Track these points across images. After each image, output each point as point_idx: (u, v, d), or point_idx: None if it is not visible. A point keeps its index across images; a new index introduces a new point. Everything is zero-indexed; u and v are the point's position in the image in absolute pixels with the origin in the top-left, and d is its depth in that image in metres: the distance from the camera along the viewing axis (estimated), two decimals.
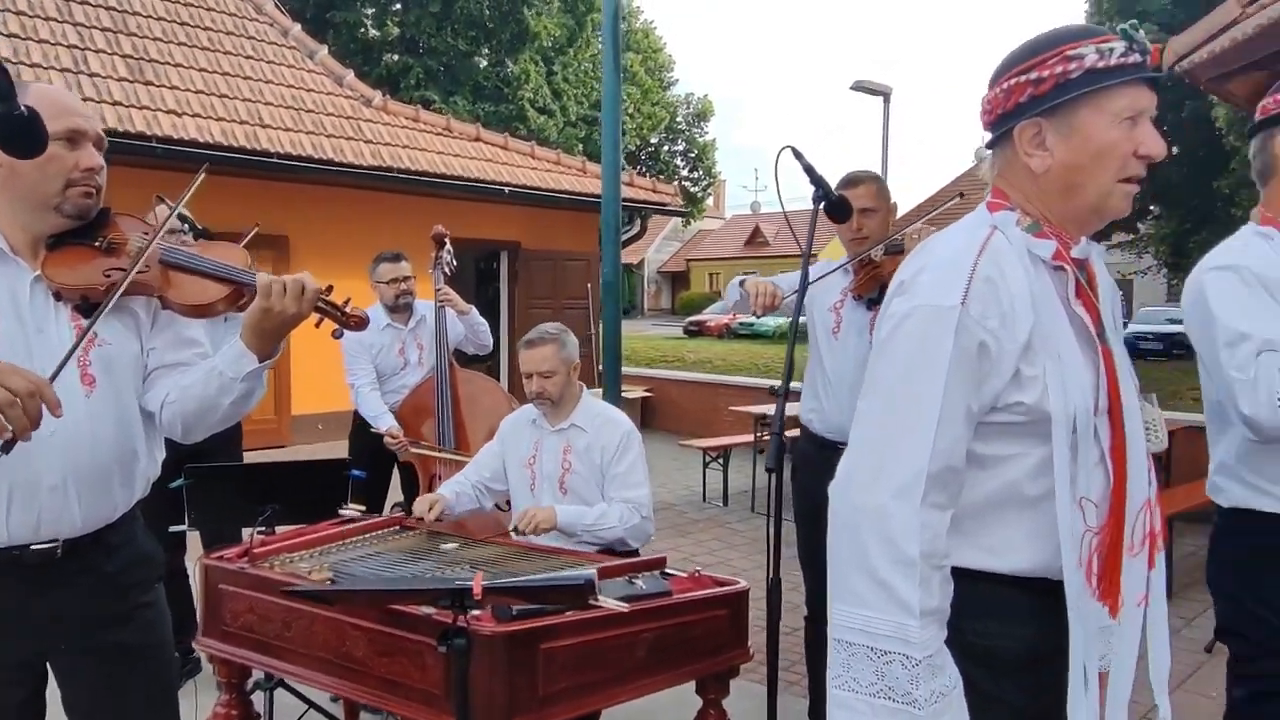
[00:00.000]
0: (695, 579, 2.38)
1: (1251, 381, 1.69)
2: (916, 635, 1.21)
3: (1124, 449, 1.34)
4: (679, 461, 8.03)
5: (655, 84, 28.81)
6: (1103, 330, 1.37)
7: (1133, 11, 13.87)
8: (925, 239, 1.62)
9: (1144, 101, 1.31)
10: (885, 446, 1.28)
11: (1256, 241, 1.80)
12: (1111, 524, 1.33)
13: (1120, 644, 1.37)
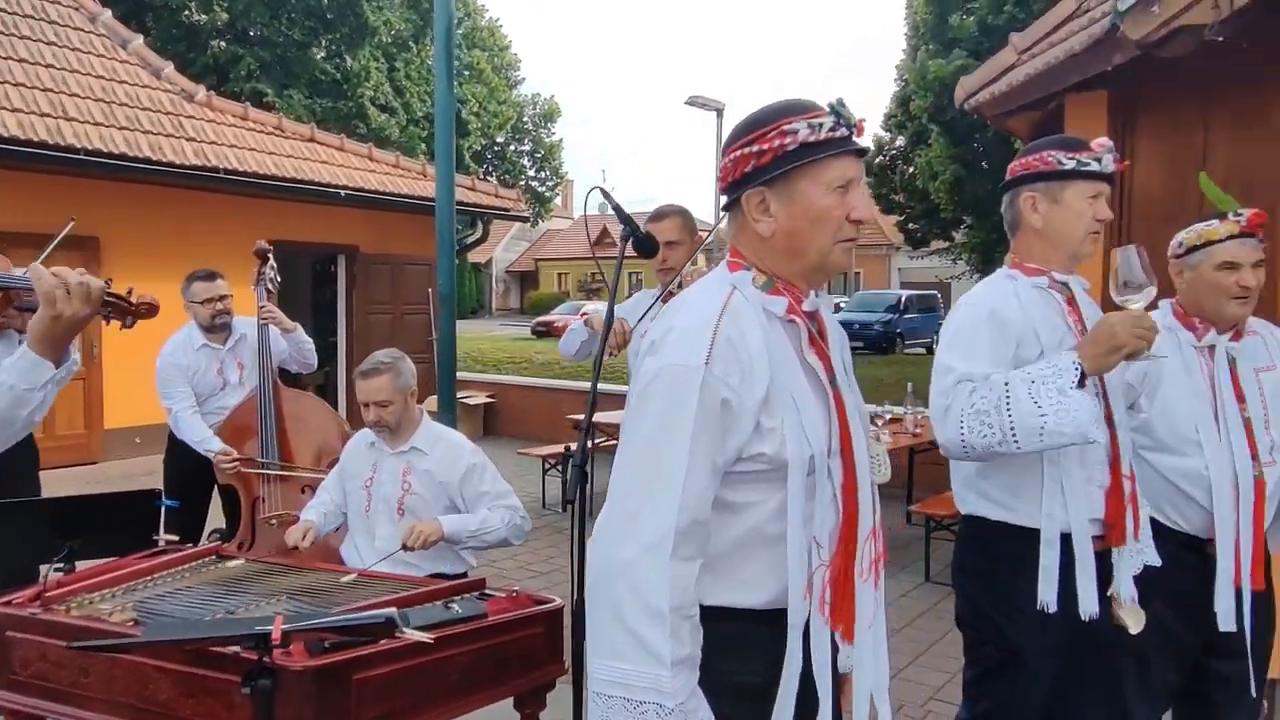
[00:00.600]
0: (514, 598, 2.46)
1: (945, 409, 1.91)
2: (669, 685, 1.28)
3: (854, 485, 1.46)
4: (520, 468, 8.08)
5: (502, 82, 28.59)
6: (834, 377, 1.50)
7: (945, 38, 15.04)
8: (692, 283, 1.76)
9: (852, 171, 1.45)
10: (636, 502, 1.35)
11: (1005, 283, 2.06)
12: (843, 554, 1.45)
13: (859, 665, 1.50)
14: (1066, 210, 1.97)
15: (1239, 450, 2.17)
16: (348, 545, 2.98)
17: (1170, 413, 2.22)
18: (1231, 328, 2.26)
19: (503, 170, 31.33)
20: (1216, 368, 2.23)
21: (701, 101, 10.70)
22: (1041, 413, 1.78)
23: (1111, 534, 1.96)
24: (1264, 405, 2.23)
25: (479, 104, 26.25)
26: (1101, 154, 1.96)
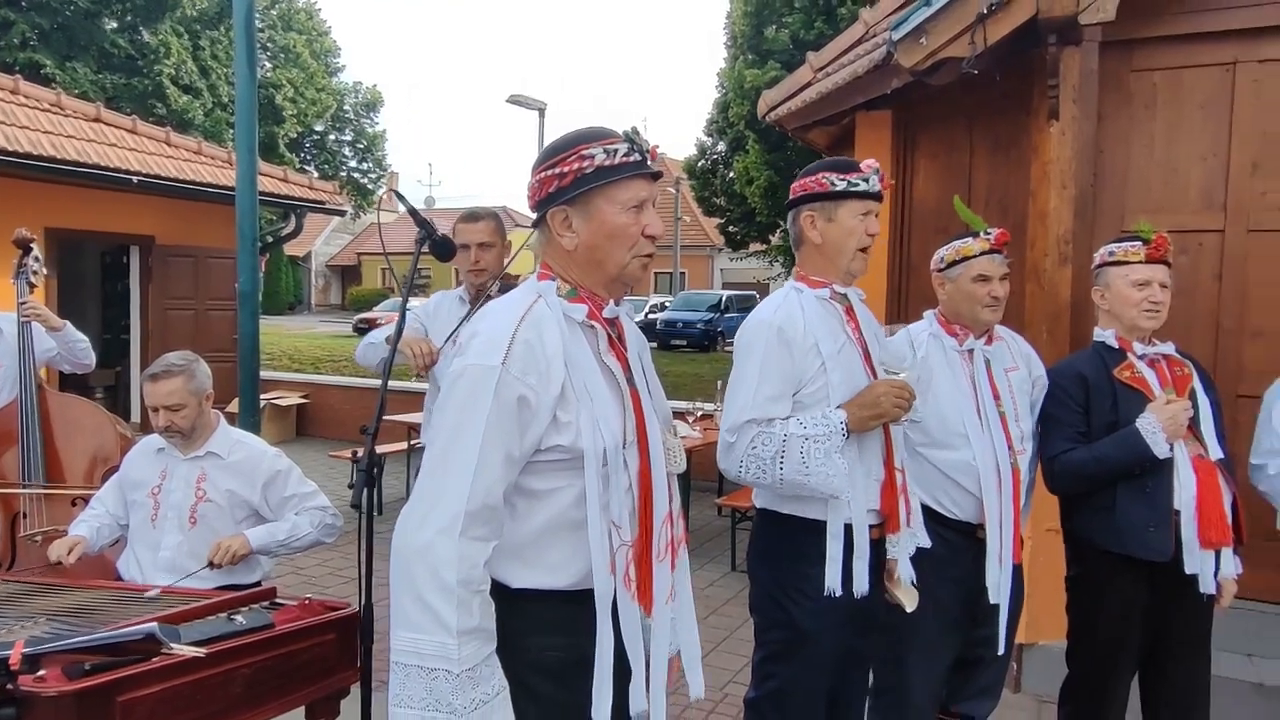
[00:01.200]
0: (305, 606, 2.41)
1: (730, 445, 2.09)
2: (455, 652, 1.42)
3: (650, 474, 1.62)
4: (334, 470, 7.80)
5: (320, 68, 27.28)
6: (631, 376, 1.66)
7: (760, 49, 15.71)
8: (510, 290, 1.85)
9: (645, 192, 1.62)
10: (435, 490, 1.49)
11: (793, 295, 2.22)
12: (642, 536, 1.61)
13: (656, 637, 1.65)
14: (840, 227, 2.15)
15: (999, 442, 2.44)
16: (126, 558, 2.79)
17: (941, 411, 2.47)
18: (985, 333, 2.54)
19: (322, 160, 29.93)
20: (975, 369, 2.51)
21: (523, 101, 10.70)
22: (807, 473, 2.02)
23: (888, 523, 2.16)
24: (1014, 401, 2.52)
25: (295, 89, 24.94)
26: (869, 175, 2.14)
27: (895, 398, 2.05)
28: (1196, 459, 2.48)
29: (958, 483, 2.44)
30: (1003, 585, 2.42)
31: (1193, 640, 2.58)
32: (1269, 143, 3.76)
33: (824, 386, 2.08)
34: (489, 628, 1.48)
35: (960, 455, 2.43)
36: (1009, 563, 2.43)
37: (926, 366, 2.47)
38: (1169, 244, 2.62)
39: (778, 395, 2.07)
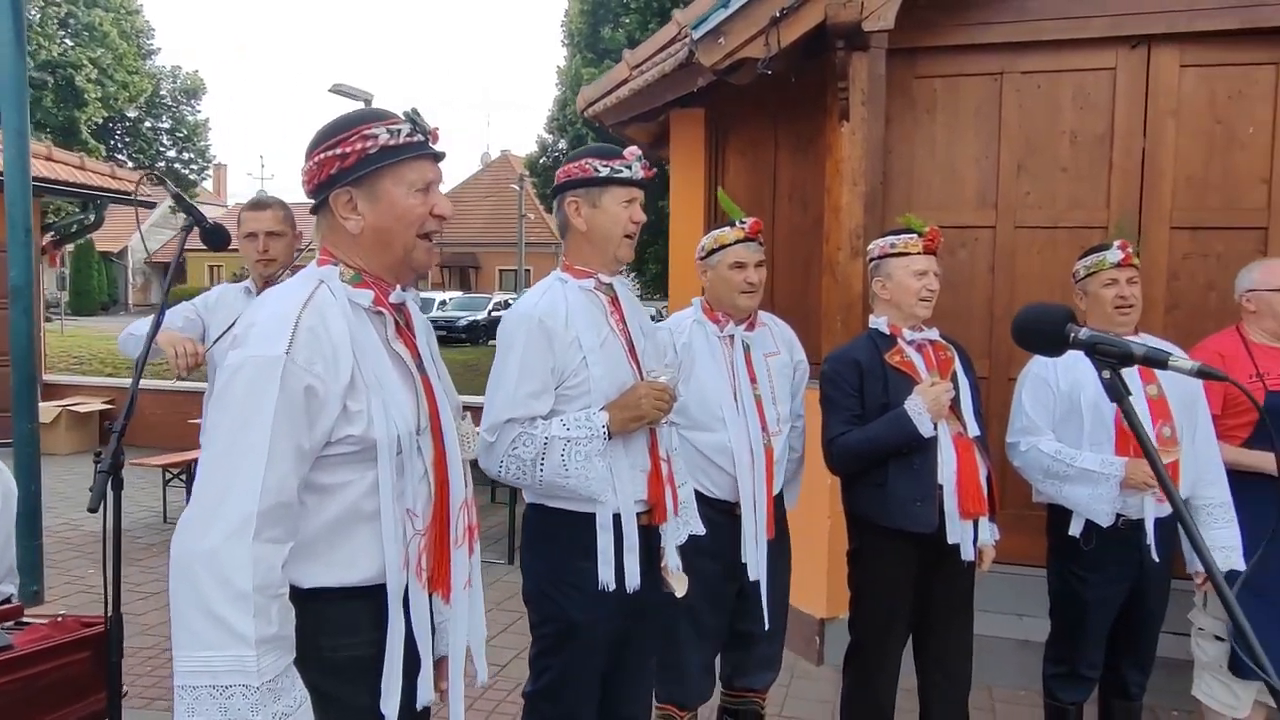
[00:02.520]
0: (57, 624, 2.23)
1: (489, 445, 2.09)
2: (254, 664, 1.32)
3: (445, 460, 1.60)
4: (139, 480, 7.27)
5: (131, 49, 25.35)
6: (421, 363, 1.63)
7: (598, 48, 15.85)
8: None
9: (431, 174, 1.60)
10: (219, 492, 1.38)
11: (557, 286, 2.22)
12: (437, 523, 1.58)
13: (455, 624, 1.64)
14: (604, 214, 2.18)
15: (753, 424, 2.55)
16: None
17: (702, 394, 2.55)
18: (746, 318, 2.64)
19: (136, 149, 27.86)
20: (735, 354, 2.60)
21: (348, 90, 10.30)
22: (567, 475, 2.04)
23: (655, 512, 2.20)
24: (772, 385, 2.64)
25: (101, 70, 23.05)
26: (632, 162, 2.18)
27: (656, 400, 2.10)
28: (957, 437, 2.67)
29: (715, 463, 2.55)
30: (760, 562, 2.53)
31: (957, 604, 2.79)
32: (1031, 147, 4.11)
33: (586, 380, 2.10)
34: (289, 635, 1.40)
35: (717, 437, 2.53)
36: (764, 540, 2.55)
37: (689, 352, 2.56)
38: (940, 236, 2.81)
39: (539, 391, 2.07)
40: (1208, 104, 3.94)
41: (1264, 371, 2.91)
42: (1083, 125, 4.06)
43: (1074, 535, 2.80)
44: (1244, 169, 3.92)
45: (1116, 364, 1.28)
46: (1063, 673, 2.91)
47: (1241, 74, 3.90)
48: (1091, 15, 3.92)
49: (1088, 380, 2.78)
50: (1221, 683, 3.00)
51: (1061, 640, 2.92)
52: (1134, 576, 2.77)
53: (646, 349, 2.26)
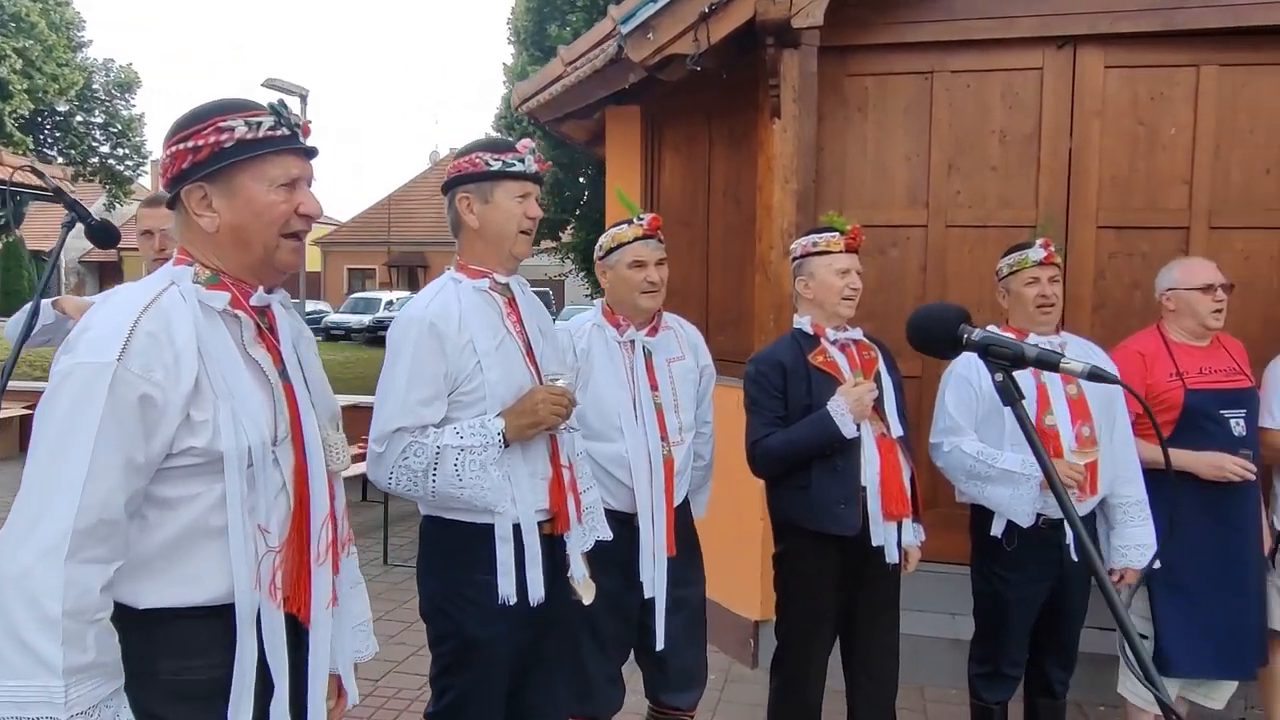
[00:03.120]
0: None
1: (379, 455, 2.00)
2: (61, 695, 1.22)
3: (306, 472, 1.51)
4: None
5: (61, 41, 24.48)
6: (285, 369, 1.53)
7: (544, 45, 15.67)
8: None
9: (296, 169, 1.50)
10: (36, 508, 1.29)
11: (450, 287, 2.12)
12: (295, 540, 1.49)
13: (316, 646, 1.54)
14: (497, 210, 2.09)
15: (652, 433, 2.47)
16: None
17: (599, 403, 2.47)
18: (648, 321, 2.57)
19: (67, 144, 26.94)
20: (635, 360, 2.52)
21: (281, 85, 10.00)
22: (461, 485, 1.95)
23: (558, 521, 2.12)
24: (674, 392, 2.56)
25: (27, 62, 22.24)
26: (525, 155, 2.10)
27: (553, 405, 2.02)
28: (880, 438, 2.64)
29: (613, 475, 2.47)
30: (657, 579, 2.46)
31: (882, 605, 2.76)
32: (961, 146, 4.12)
33: (481, 385, 2.01)
34: (109, 661, 1.30)
35: (615, 448, 2.46)
36: (663, 555, 2.47)
37: (588, 358, 2.48)
38: (862, 234, 2.78)
39: (430, 398, 1.98)
40: (1131, 105, 3.98)
41: (1183, 370, 2.93)
42: (1011, 124, 4.08)
43: (996, 535, 2.79)
44: (1166, 169, 3.98)
45: (1009, 366, 1.24)
46: (987, 672, 2.90)
47: (1163, 75, 3.95)
48: (1018, 15, 3.94)
49: None
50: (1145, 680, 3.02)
51: (985, 640, 2.91)
52: (1055, 576, 2.77)
53: (546, 351, 2.17)
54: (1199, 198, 3.94)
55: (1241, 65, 3.89)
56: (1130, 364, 2.99)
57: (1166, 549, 2.84)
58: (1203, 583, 2.87)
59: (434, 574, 2.12)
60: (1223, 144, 3.92)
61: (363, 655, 1.78)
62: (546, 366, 2.15)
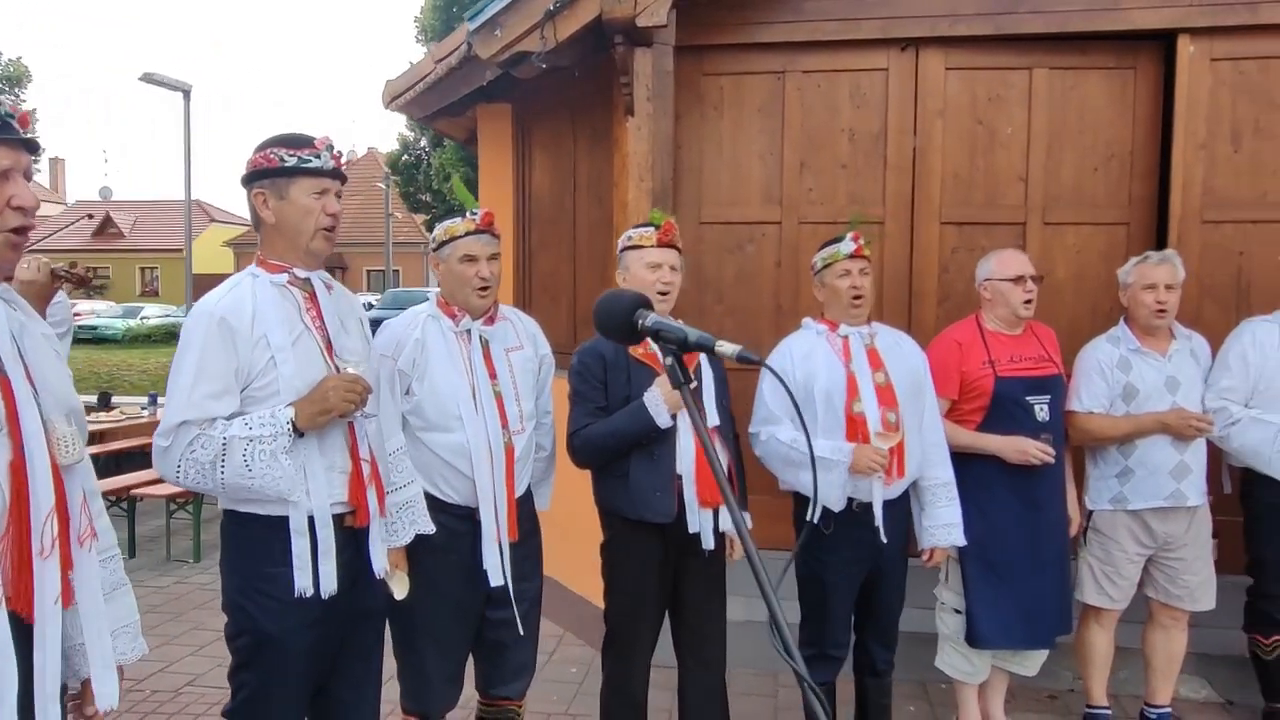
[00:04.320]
0: None
1: (165, 449, 1.97)
2: None
3: (22, 465, 1.48)
4: None
5: None
6: (1, 363, 1.50)
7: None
8: None
9: (6, 161, 1.49)
10: None
11: (246, 281, 2.09)
12: (15, 534, 1.46)
13: (43, 641, 1.50)
14: (293, 206, 2.08)
15: (492, 423, 2.48)
16: None
17: (437, 394, 2.46)
18: (485, 313, 2.58)
19: None
20: (472, 349, 2.53)
21: (160, 80, 9.66)
22: (251, 475, 1.94)
23: (358, 514, 2.12)
24: (514, 381, 2.58)
25: None
26: (321, 151, 2.09)
27: (345, 392, 2.01)
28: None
29: (453, 465, 2.46)
30: (502, 567, 2.48)
31: (706, 592, 2.82)
32: (812, 145, 4.23)
33: (275, 381, 2.00)
34: None
35: (454, 438, 2.45)
36: (506, 544, 2.49)
37: (423, 349, 2.48)
38: (676, 229, 2.83)
39: (219, 393, 1.96)
40: (970, 105, 4.14)
41: (995, 358, 3.07)
42: (859, 124, 4.21)
43: (813, 521, 2.87)
44: (1004, 167, 4.15)
45: (677, 350, 1.29)
46: (811, 654, 2.99)
47: (999, 78, 4.12)
48: (863, 18, 4.06)
49: (820, 370, 2.86)
50: (960, 653, 3.15)
51: (808, 623, 3.00)
52: (870, 557, 2.87)
53: (351, 347, 2.17)
54: (1034, 195, 4.13)
55: (1070, 69, 4.08)
56: (948, 352, 3.12)
57: (977, 528, 2.97)
58: (1009, 559, 3.01)
59: (231, 568, 2.10)
60: (1054, 143, 4.11)
61: (127, 658, 1.76)
62: None
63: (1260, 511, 3.22)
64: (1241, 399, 3.16)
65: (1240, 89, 3.92)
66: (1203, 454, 3.14)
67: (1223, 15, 3.82)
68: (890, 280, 4.20)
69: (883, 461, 2.73)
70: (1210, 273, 3.98)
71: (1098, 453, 3.23)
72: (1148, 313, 3.11)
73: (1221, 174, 3.95)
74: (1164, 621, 3.29)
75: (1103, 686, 3.36)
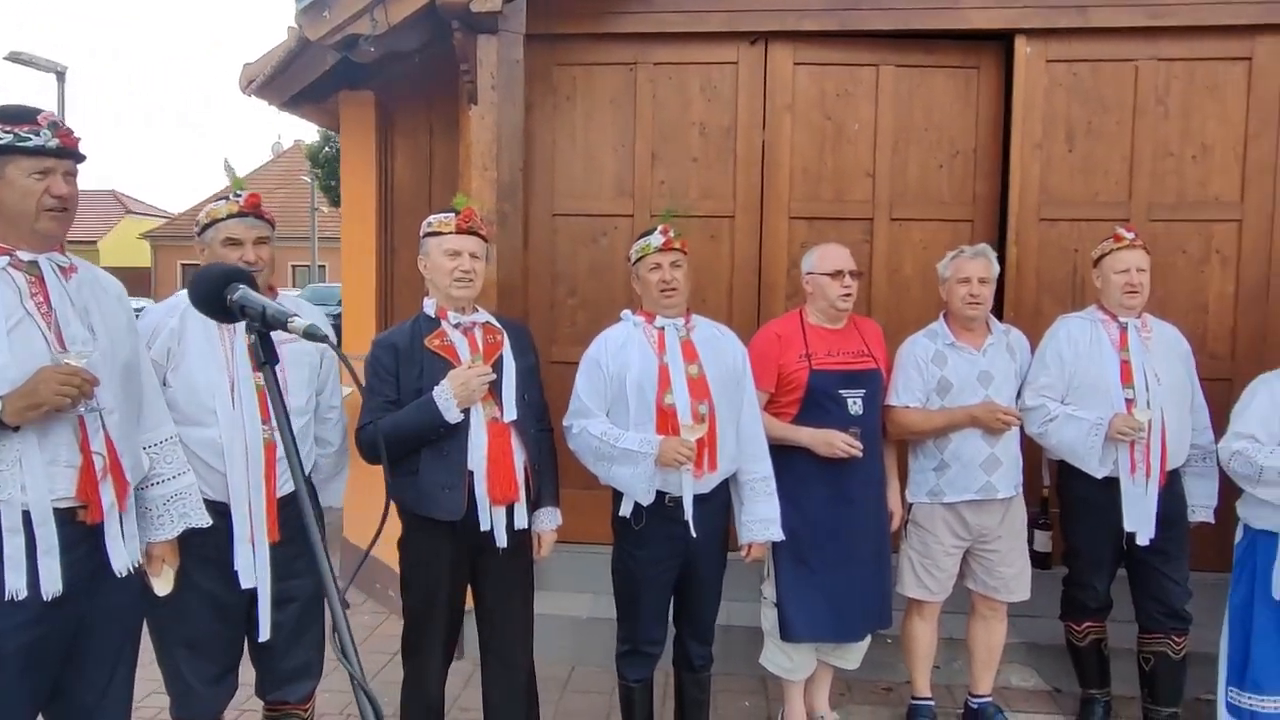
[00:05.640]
0: None
1: None
2: None
3: None
4: None
5: None
6: None
7: None
8: None
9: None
10: None
11: None
12: None
13: None
14: (9, 187, 1.95)
15: (250, 417, 2.37)
16: None
17: (191, 386, 2.35)
18: None
19: None
20: (235, 340, 2.39)
21: (29, 59, 9.18)
22: None
23: (90, 511, 2.00)
24: (284, 372, 2.46)
25: None
26: (43, 128, 1.96)
27: (59, 385, 1.88)
28: (492, 422, 2.63)
29: (205, 461, 2.35)
30: (255, 567, 2.38)
31: (508, 590, 2.76)
32: (664, 137, 4.20)
33: None
34: None
35: (208, 432, 2.34)
36: (263, 544, 2.39)
37: (179, 339, 2.36)
38: (476, 215, 2.76)
39: None
40: (819, 101, 4.15)
41: (812, 351, 3.06)
42: (710, 117, 4.19)
43: (624, 515, 2.84)
44: (851, 163, 4.17)
45: (261, 326, 1.22)
46: (626, 650, 2.95)
47: (847, 74, 4.14)
48: (711, 10, 4.04)
49: (633, 361, 2.82)
50: (780, 649, 3.14)
51: (623, 619, 2.96)
52: (683, 552, 2.84)
53: (85, 336, 2.04)
54: (881, 191, 4.15)
55: (916, 67, 4.12)
56: (767, 345, 3.11)
57: (791, 521, 2.96)
58: (820, 553, 3.01)
59: None
60: (901, 140, 4.14)
61: None
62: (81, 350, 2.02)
63: (1073, 503, 3.28)
64: (1058, 395, 3.20)
65: (1074, 90, 4.00)
66: (1013, 447, 3.18)
67: (1055, 17, 3.89)
68: (740, 274, 4.20)
69: (689, 454, 2.70)
70: (1048, 269, 4.06)
71: (917, 447, 3.25)
72: (961, 305, 3.14)
73: (1057, 173, 4.02)
74: (984, 612, 3.33)
75: (926, 678, 3.39)
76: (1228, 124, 3.93)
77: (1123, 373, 3.14)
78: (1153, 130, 3.97)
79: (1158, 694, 3.24)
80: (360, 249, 5.07)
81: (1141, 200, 3.99)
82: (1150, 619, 3.20)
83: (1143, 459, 3.09)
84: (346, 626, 1.06)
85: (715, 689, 3.70)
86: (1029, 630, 3.82)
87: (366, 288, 5.05)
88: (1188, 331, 3.53)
